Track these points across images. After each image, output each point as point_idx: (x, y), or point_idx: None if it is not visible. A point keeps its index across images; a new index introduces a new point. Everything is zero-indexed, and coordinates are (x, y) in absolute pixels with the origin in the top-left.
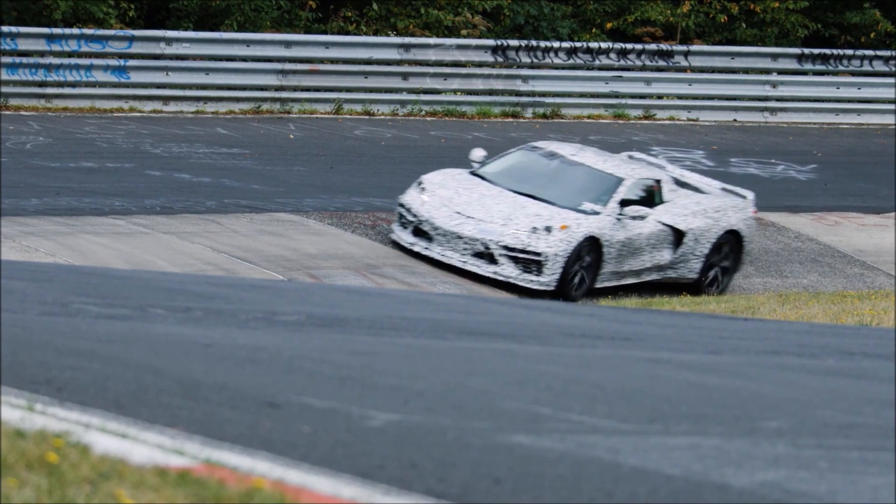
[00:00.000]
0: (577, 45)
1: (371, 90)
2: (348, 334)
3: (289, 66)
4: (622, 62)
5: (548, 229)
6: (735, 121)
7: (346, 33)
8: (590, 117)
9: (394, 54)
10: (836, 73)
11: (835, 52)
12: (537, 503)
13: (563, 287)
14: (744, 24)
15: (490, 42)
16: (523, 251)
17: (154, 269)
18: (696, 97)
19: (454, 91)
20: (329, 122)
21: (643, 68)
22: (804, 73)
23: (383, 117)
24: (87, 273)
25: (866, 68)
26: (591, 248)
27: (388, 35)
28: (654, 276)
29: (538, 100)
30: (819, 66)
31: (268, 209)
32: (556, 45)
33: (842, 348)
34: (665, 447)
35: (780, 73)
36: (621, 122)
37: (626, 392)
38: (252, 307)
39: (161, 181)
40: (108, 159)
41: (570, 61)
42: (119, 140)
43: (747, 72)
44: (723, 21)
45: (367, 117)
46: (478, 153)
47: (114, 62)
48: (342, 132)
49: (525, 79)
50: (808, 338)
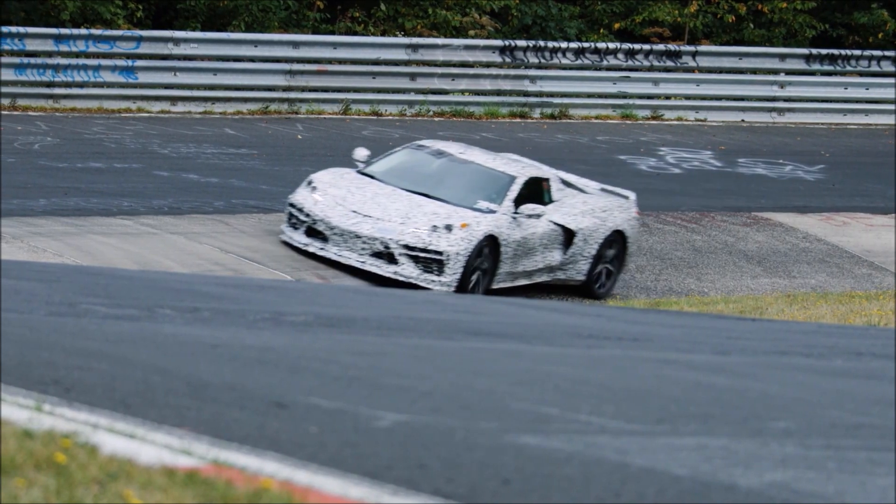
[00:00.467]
0: (585, 45)
1: (379, 90)
2: (356, 335)
3: (297, 66)
4: (630, 62)
5: (448, 228)
6: (743, 121)
7: (354, 34)
8: (598, 118)
9: (401, 55)
10: (843, 74)
11: (843, 52)
12: (545, 503)
13: (463, 288)
14: (751, 25)
15: (498, 42)
16: (424, 250)
17: (162, 270)
18: (703, 97)
19: (462, 91)
20: (337, 122)
21: (651, 69)
22: (812, 73)
23: (391, 118)
24: (94, 273)
25: (874, 69)
26: (490, 248)
27: (396, 35)
28: (544, 278)
29: (546, 100)
30: (827, 67)
31: (276, 210)
32: (563, 45)
33: (850, 349)
34: (673, 448)
35: (788, 73)
36: (629, 122)
37: (633, 392)
38: (260, 307)
39: (169, 181)
40: (116, 160)
41: (578, 62)
42: (127, 140)
43: (755, 72)
44: (731, 21)
45: (374, 118)
46: (361, 152)
47: (122, 62)
48: (350, 133)
49: (533, 79)
50: (816, 338)
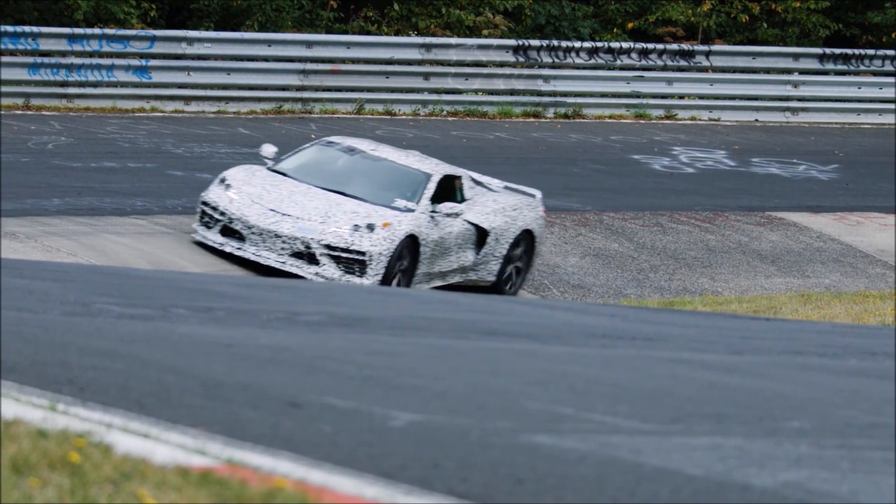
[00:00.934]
0: (599, 45)
1: (392, 90)
2: (370, 334)
3: (310, 66)
4: (643, 62)
5: (370, 227)
6: (756, 121)
7: (368, 33)
8: (611, 117)
9: (415, 54)
10: (857, 73)
11: (856, 51)
12: (560, 503)
13: None
14: (765, 24)
15: (511, 42)
16: (346, 250)
17: (176, 270)
18: (717, 97)
19: (475, 91)
20: (350, 122)
21: (664, 68)
22: (826, 72)
23: (405, 117)
24: (109, 273)
25: (888, 68)
26: (410, 248)
27: (410, 35)
28: (457, 279)
29: (559, 100)
30: (840, 66)
31: None
32: (577, 45)
33: (864, 348)
34: (687, 447)
35: (802, 72)
36: (643, 122)
37: (648, 392)
38: (274, 307)
39: (183, 181)
40: (130, 159)
41: (592, 61)
42: (141, 140)
43: (769, 72)
44: (744, 21)
45: (388, 117)
46: (269, 149)
47: (135, 62)
48: (364, 132)
49: (546, 79)
50: (830, 338)
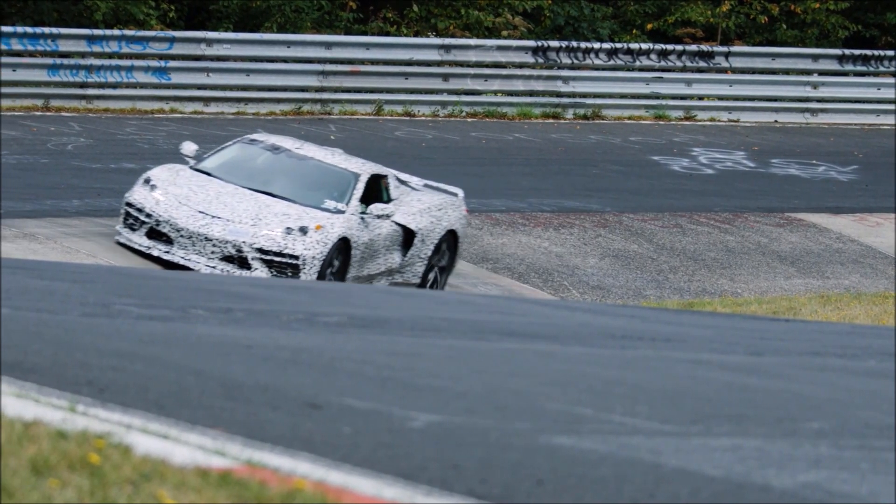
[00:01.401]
0: (618, 46)
1: (411, 91)
2: (389, 335)
3: (329, 67)
4: (663, 63)
5: (302, 230)
6: (776, 122)
7: (387, 34)
8: (630, 118)
9: (434, 55)
10: (876, 74)
11: (875, 52)
12: None
13: None
14: (784, 25)
15: (530, 43)
16: (279, 254)
17: (195, 270)
18: (736, 98)
19: (495, 92)
20: (370, 123)
21: (684, 69)
22: (845, 73)
23: (424, 118)
24: (128, 274)
25: None
26: (342, 251)
27: (429, 36)
28: (383, 282)
29: (579, 101)
30: (860, 67)
31: None
32: (596, 46)
33: (883, 349)
34: (707, 448)
35: (821, 73)
36: (662, 123)
37: (667, 393)
38: (293, 308)
39: None
40: (149, 160)
41: (611, 62)
42: (160, 141)
43: (788, 73)
44: (763, 22)
45: (407, 118)
46: (189, 147)
47: (154, 63)
48: (383, 133)
49: (566, 80)
50: (849, 339)
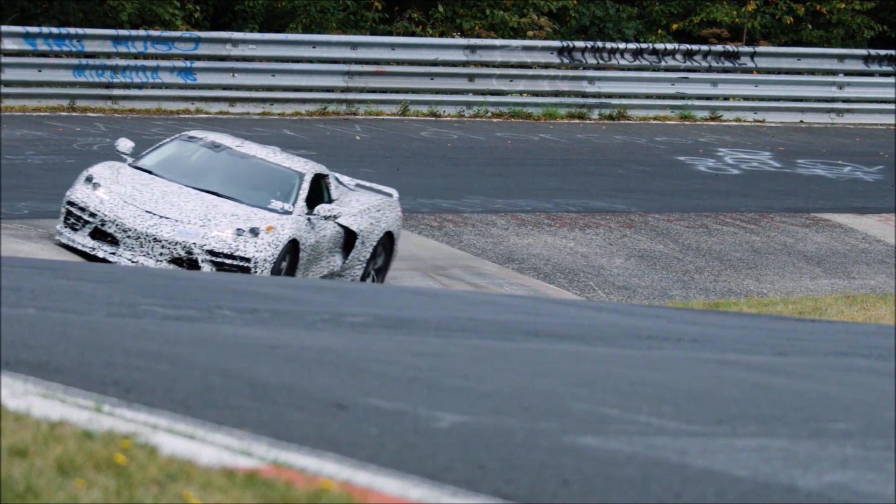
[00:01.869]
0: (643, 46)
1: (437, 91)
2: (415, 336)
3: (355, 67)
4: (688, 63)
5: (253, 231)
6: (801, 122)
7: (412, 34)
8: (656, 118)
9: (460, 56)
10: None
11: None
12: None
13: None
14: (809, 26)
15: (556, 43)
16: (231, 256)
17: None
18: (762, 98)
19: (520, 92)
20: (395, 123)
21: (709, 69)
22: (870, 74)
23: (449, 119)
24: (154, 274)
25: None
26: (292, 253)
27: (454, 36)
28: None
29: (604, 101)
30: (885, 67)
31: None
32: (621, 46)
33: None
34: (733, 449)
35: (847, 74)
36: (687, 123)
37: (693, 393)
38: (319, 308)
39: None
40: None
41: (636, 62)
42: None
43: (813, 73)
44: (789, 22)
45: (433, 119)
46: (126, 144)
47: (180, 63)
48: (408, 133)
49: (591, 80)
50: (875, 339)
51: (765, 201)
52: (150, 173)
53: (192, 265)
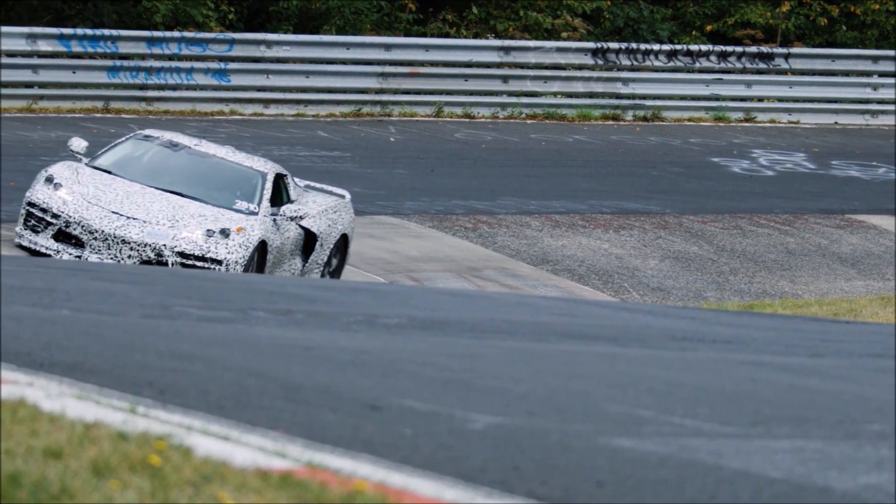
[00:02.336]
0: (678, 47)
1: (471, 93)
2: (450, 337)
3: (389, 68)
4: (722, 64)
5: (224, 233)
6: (836, 123)
7: (446, 36)
8: (690, 120)
9: (493, 57)
10: None
11: None
12: None
13: None
14: (844, 27)
15: (590, 45)
16: (202, 258)
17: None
18: (796, 100)
19: (554, 94)
20: (429, 124)
21: (744, 71)
22: None
23: (483, 120)
24: (188, 276)
25: None
26: (260, 255)
27: (488, 38)
28: None
29: (638, 102)
30: None
31: (369, 212)
32: (656, 47)
33: None
34: (768, 450)
35: (881, 75)
36: (722, 124)
37: (728, 395)
38: (353, 310)
39: None
40: None
41: (671, 64)
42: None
43: (848, 74)
44: (823, 24)
45: (467, 120)
46: (79, 143)
47: (214, 65)
48: (442, 135)
49: (625, 81)
50: None
51: (799, 203)
52: (109, 173)
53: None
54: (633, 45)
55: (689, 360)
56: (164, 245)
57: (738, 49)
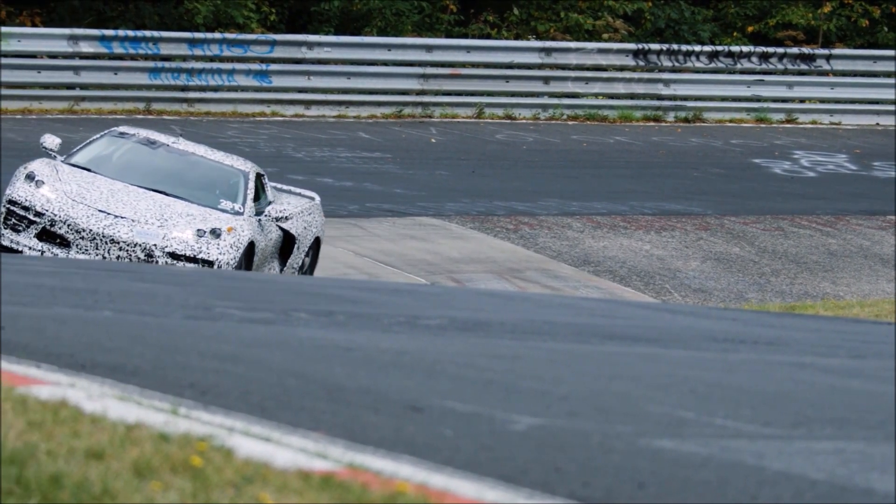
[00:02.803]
0: (719, 48)
1: (512, 94)
2: (491, 338)
3: (430, 70)
4: (764, 66)
5: (214, 233)
6: (878, 124)
7: (487, 37)
8: (731, 121)
9: (535, 58)
10: None
11: None
12: None
13: None
14: (885, 28)
15: (631, 46)
16: (193, 259)
17: (296, 274)
18: (838, 101)
19: (595, 95)
20: (470, 126)
21: (785, 72)
22: None
23: (524, 121)
24: (230, 277)
25: None
26: (248, 256)
27: (529, 39)
28: None
29: (680, 104)
30: None
31: (410, 213)
32: (697, 48)
33: None
34: (809, 451)
35: None
36: (763, 125)
37: (769, 396)
38: (395, 311)
39: (303, 185)
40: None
41: (712, 65)
42: (261, 144)
43: (889, 75)
44: (864, 25)
45: (508, 121)
46: (52, 140)
47: (255, 66)
48: (483, 136)
49: (666, 83)
50: None
51: (841, 204)
52: (87, 170)
53: None
54: (675, 47)
55: (731, 361)
56: (155, 245)
57: (780, 50)
